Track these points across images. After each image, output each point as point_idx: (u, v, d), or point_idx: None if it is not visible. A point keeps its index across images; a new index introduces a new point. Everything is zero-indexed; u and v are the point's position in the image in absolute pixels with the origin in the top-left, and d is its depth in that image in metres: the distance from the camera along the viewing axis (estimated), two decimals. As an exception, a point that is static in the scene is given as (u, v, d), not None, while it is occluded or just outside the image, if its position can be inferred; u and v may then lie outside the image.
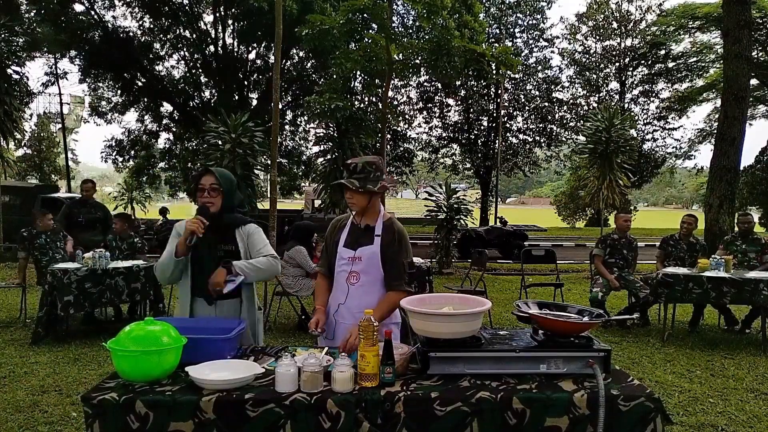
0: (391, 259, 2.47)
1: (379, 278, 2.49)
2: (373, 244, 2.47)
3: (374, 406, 1.78)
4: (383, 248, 2.47)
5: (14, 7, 15.57)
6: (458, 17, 12.02)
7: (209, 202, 2.48)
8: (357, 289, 2.47)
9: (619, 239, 6.58)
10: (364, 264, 2.47)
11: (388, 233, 2.50)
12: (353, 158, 2.53)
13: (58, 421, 3.52)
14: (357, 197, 2.45)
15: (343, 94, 13.07)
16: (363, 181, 2.41)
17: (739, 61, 10.50)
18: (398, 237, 2.50)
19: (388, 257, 2.47)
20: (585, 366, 1.95)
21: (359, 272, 2.47)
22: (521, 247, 14.59)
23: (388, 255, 2.47)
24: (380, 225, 2.51)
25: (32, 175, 29.54)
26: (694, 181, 50.35)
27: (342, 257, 2.51)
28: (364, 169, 2.42)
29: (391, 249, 2.47)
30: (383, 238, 2.48)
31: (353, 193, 2.44)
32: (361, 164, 2.43)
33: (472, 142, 27.79)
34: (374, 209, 2.53)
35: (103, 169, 74.09)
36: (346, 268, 2.50)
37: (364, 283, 2.47)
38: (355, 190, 2.41)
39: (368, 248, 2.47)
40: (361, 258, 2.47)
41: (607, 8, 29.51)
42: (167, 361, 1.90)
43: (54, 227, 6.47)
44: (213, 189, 2.48)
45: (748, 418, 3.68)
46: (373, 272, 2.47)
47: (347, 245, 2.51)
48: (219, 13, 20.25)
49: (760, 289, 5.25)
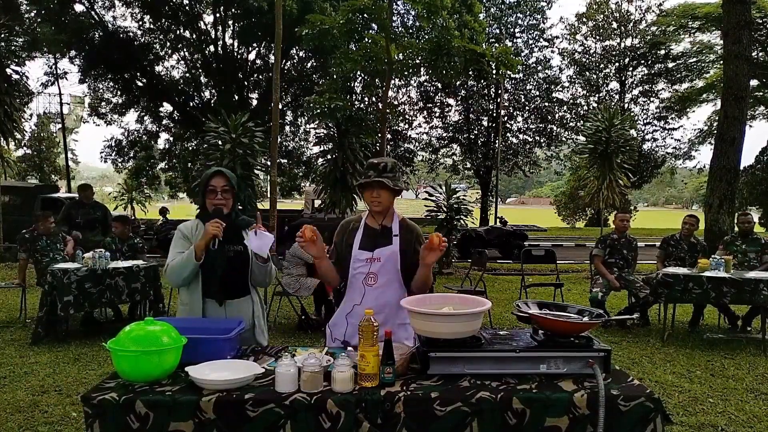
0: (411, 255, 2.47)
1: (396, 278, 2.48)
2: (393, 244, 2.46)
3: (374, 406, 1.78)
4: (403, 248, 2.47)
5: (14, 7, 15.56)
6: (458, 17, 12.02)
7: (222, 203, 2.50)
8: (374, 290, 2.45)
9: (619, 239, 6.59)
10: (382, 265, 2.45)
11: (406, 233, 2.50)
12: (377, 158, 2.52)
13: (58, 421, 3.52)
14: (385, 196, 2.44)
15: (343, 94, 13.07)
16: (395, 181, 2.42)
17: (739, 61, 10.50)
18: (416, 234, 2.52)
19: (410, 257, 2.47)
20: (585, 366, 1.95)
21: (377, 273, 2.45)
22: (521, 247, 14.60)
23: (409, 254, 2.47)
24: (397, 225, 2.51)
25: (32, 175, 29.53)
26: (694, 181, 50.34)
27: (358, 259, 2.47)
28: (393, 168, 2.43)
29: (411, 246, 2.48)
30: (402, 238, 2.48)
31: (382, 192, 2.42)
32: (390, 164, 2.44)
33: (472, 142, 27.78)
34: (391, 210, 2.55)
35: (103, 169, 74.14)
36: (364, 269, 2.46)
37: (380, 284, 2.45)
38: (391, 188, 2.41)
39: (387, 248, 2.46)
40: (379, 259, 2.45)
41: (607, 8, 29.51)
42: (167, 361, 1.90)
43: (54, 230, 6.46)
44: (225, 191, 2.51)
45: (748, 418, 3.68)
46: (391, 273, 2.46)
47: (363, 247, 2.48)
48: (219, 14, 20.25)
49: (760, 289, 5.25)
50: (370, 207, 2.50)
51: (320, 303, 6.45)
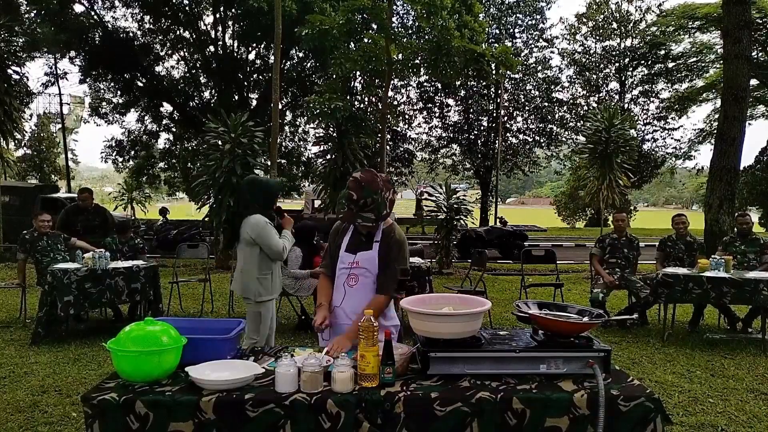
0: (386, 264, 2.51)
1: (374, 282, 2.54)
2: (372, 249, 2.52)
3: (374, 406, 1.78)
4: (380, 254, 2.51)
5: (14, 7, 15.55)
6: (458, 17, 12.01)
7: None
8: (354, 291, 2.52)
9: (619, 238, 6.59)
10: (362, 267, 2.52)
11: (386, 240, 2.53)
12: (351, 183, 2.42)
13: (58, 421, 3.52)
14: (370, 227, 2.48)
15: (343, 95, 13.06)
16: (375, 212, 2.42)
17: (739, 61, 10.49)
18: (396, 245, 2.52)
19: (384, 262, 2.51)
20: (585, 366, 1.95)
21: (358, 275, 2.52)
22: (521, 247, 14.61)
23: (384, 260, 2.51)
24: (380, 232, 2.54)
25: (32, 175, 29.52)
26: (694, 181, 50.31)
27: (343, 261, 2.56)
28: (371, 200, 2.38)
29: (387, 255, 2.51)
30: (381, 245, 2.52)
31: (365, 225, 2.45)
32: (365, 198, 2.38)
33: (472, 142, 27.77)
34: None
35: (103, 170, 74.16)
36: (346, 271, 2.54)
37: (360, 286, 2.52)
38: (372, 225, 2.45)
39: (367, 253, 2.52)
40: (359, 262, 2.52)
41: (607, 8, 29.50)
42: (167, 361, 1.90)
43: (52, 231, 6.43)
44: None
45: (748, 418, 3.68)
46: (371, 276, 2.53)
47: (348, 249, 2.56)
48: (219, 14, 20.25)
49: (760, 289, 5.25)
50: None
51: (320, 303, 6.44)
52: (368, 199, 2.38)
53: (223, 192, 10.78)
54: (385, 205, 2.44)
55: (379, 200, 2.40)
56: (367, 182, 2.40)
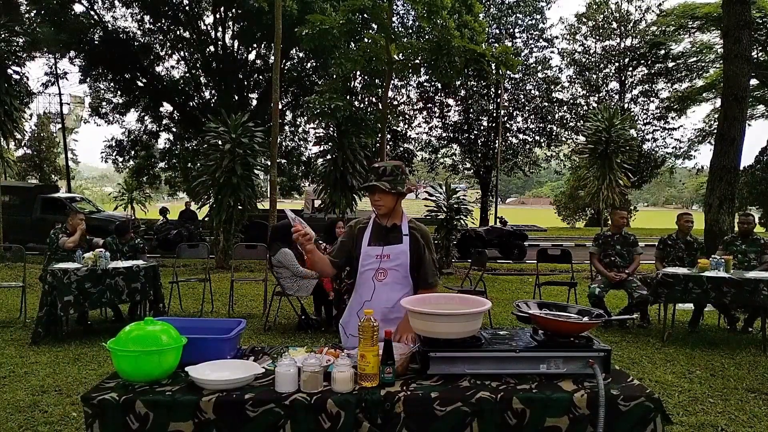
0: (422, 258, 2.54)
1: (405, 275, 2.54)
2: (402, 243, 2.53)
3: (374, 406, 1.78)
4: (412, 248, 2.53)
5: (14, 7, 15.55)
6: (458, 17, 12.01)
7: None
8: (383, 286, 2.52)
9: (613, 235, 6.60)
10: (392, 261, 2.52)
11: (415, 233, 2.57)
12: (379, 161, 2.65)
13: (58, 421, 3.52)
14: (386, 199, 2.50)
15: (343, 94, 13.06)
16: (393, 183, 2.48)
17: (739, 61, 10.48)
18: (424, 236, 2.59)
19: (418, 257, 2.54)
20: (585, 366, 1.95)
21: (387, 269, 2.52)
22: (521, 247, 14.62)
23: (418, 255, 2.54)
24: (406, 225, 2.58)
25: (32, 175, 29.50)
26: (694, 181, 50.32)
27: (369, 255, 2.54)
28: (393, 171, 2.49)
29: (420, 249, 2.54)
30: (411, 238, 2.55)
31: (382, 195, 2.49)
32: (390, 167, 2.50)
33: (472, 142, 27.77)
34: (399, 210, 2.60)
35: (103, 169, 74.07)
36: (374, 265, 2.53)
37: (390, 280, 2.52)
38: (387, 191, 2.46)
39: (397, 247, 2.53)
40: (389, 255, 2.52)
41: (607, 8, 29.51)
42: (167, 361, 1.90)
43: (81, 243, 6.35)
44: None
45: (748, 418, 3.68)
46: (401, 270, 2.53)
47: (373, 243, 2.55)
48: (219, 14, 20.26)
49: (760, 289, 5.24)
50: (374, 210, 2.59)
51: (320, 303, 6.45)
52: (389, 167, 2.49)
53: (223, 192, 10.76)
54: (403, 185, 2.51)
55: (398, 173, 2.48)
56: (393, 161, 2.60)
